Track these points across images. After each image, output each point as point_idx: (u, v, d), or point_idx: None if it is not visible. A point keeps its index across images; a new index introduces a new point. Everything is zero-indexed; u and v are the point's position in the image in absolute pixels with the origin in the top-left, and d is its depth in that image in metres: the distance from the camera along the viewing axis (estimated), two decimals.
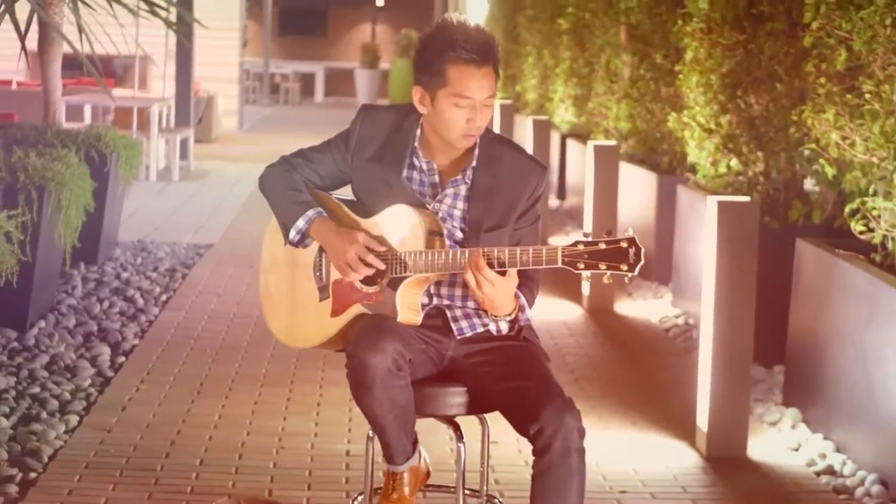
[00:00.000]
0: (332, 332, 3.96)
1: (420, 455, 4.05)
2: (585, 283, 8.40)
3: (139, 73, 16.17)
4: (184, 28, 10.63)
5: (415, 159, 3.98)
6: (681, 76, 8.02)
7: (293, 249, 4.03)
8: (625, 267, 3.67)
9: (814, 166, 6.68)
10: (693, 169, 8.02)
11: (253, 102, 30.17)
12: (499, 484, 5.06)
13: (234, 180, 15.06)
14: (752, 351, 5.62)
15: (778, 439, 5.84)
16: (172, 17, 10.07)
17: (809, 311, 6.09)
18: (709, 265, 5.60)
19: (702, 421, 5.61)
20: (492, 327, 3.94)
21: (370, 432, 4.00)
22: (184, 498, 4.88)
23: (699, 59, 7.66)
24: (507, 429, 4.01)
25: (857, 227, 5.77)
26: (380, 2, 35.66)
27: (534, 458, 3.75)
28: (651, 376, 6.92)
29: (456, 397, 3.95)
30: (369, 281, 3.90)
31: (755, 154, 7.38)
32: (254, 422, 5.85)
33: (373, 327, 3.81)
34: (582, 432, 3.73)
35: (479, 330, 3.98)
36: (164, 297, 8.32)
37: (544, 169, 4.00)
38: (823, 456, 5.57)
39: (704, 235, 5.73)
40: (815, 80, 6.19)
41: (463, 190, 3.96)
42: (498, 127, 13.55)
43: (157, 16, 9.48)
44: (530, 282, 3.94)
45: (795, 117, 6.53)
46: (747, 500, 5.18)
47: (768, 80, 7.21)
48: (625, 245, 3.67)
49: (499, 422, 4.06)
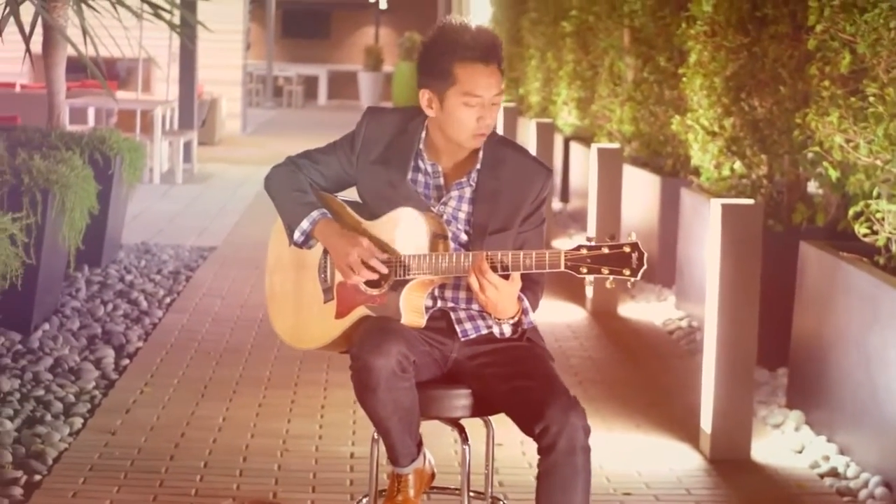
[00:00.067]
0: (336, 334, 3.97)
1: (425, 457, 4.06)
2: (589, 286, 8.40)
3: (143, 76, 16.19)
4: (187, 31, 10.62)
5: (420, 162, 3.98)
6: (684, 79, 8.02)
7: (298, 251, 4.04)
8: (627, 272, 3.66)
9: (817, 169, 6.68)
10: (696, 172, 8.02)
11: (256, 105, 30.18)
12: (503, 486, 5.06)
13: (238, 183, 15.06)
14: (756, 353, 5.62)
15: (781, 442, 5.84)
16: (176, 19, 10.07)
17: (813, 314, 6.09)
18: (713, 268, 5.60)
19: (705, 423, 5.61)
20: (495, 330, 3.93)
21: (375, 434, 4.01)
22: (188, 500, 4.89)
23: (703, 62, 7.66)
24: (510, 431, 4.02)
25: (860, 229, 5.77)
26: (383, 4, 35.66)
27: (539, 457, 3.74)
28: (655, 379, 6.92)
29: (460, 399, 3.96)
30: (373, 283, 3.91)
31: (759, 157, 7.38)
32: (258, 424, 5.85)
33: (377, 329, 3.81)
34: (587, 430, 3.73)
35: (484, 332, 3.98)
36: (167, 300, 8.32)
37: (549, 172, 4.00)
38: (827, 458, 5.56)
39: (708, 238, 5.73)
40: (819, 82, 6.19)
41: (468, 192, 3.96)
42: (501, 130, 13.55)
43: (161, 18, 9.48)
44: (535, 285, 3.95)
45: (799, 120, 6.53)
46: (751, 502, 5.18)
47: (772, 82, 7.21)
48: (628, 250, 3.67)
49: (502, 424, 4.06)
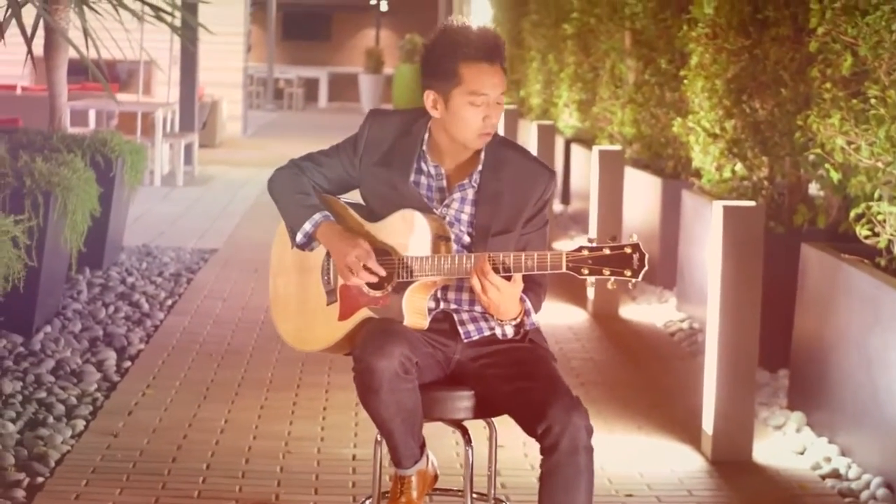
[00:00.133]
0: (339, 336, 3.97)
1: (428, 459, 4.06)
2: (590, 287, 8.41)
3: (143, 78, 16.19)
4: (188, 33, 10.61)
5: (423, 164, 3.99)
6: (686, 81, 8.03)
7: (301, 253, 4.04)
8: (629, 273, 3.67)
9: (819, 171, 6.69)
10: (698, 174, 8.02)
11: (257, 107, 30.19)
12: (505, 488, 5.06)
13: (239, 185, 15.06)
14: (758, 355, 5.62)
15: (783, 443, 5.85)
16: (177, 22, 10.06)
17: (814, 316, 6.10)
18: (714, 270, 5.60)
19: (707, 425, 5.62)
20: (497, 331, 3.94)
21: (378, 436, 4.01)
22: (191, 502, 4.89)
23: (704, 65, 7.66)
24: (512, 433, 4.02)
25: (862, 231, 5.78)
26: (384, 7, 35.69)
27: (542, 457, 3.75)
28: (656, 380, 6.92)
29: (463, 401, 3.96)
30: (376, 285, 3.91)
31: (760, 159, 7.39)
32: (260, 426, 5.86)
33: (380, 331, 3.81)
34: (590, 430, 3.74)
35: (486, 333, 3.99)
36: (169, 302, 8.32)
37: (552, 174, 4.00)
38: (828, 459, 5.57)
39: (710, 240, 5.73)
40: (821, 85, 6.19)
41: (470, 194, 3.97)
42: (502, 132, 13.56)
43: (162, 20, 9.47)
44: (537, 287, 3.95)
45: (800, 122, 6.53)
46: (752, 503, 5.19)
47: (773, 85, 7.22)
48: (629, 251, 3.67)
49: (504, 426, 4.06)
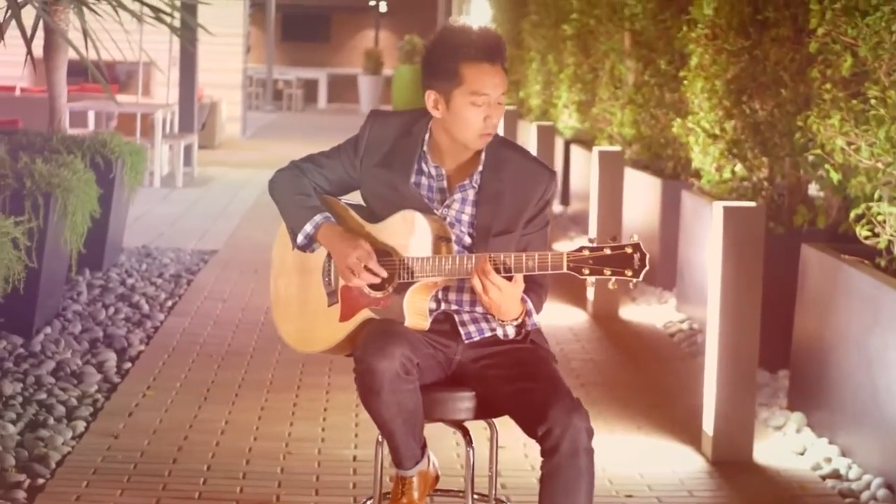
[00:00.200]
0: (340, 337, 3.98)
1: (429, 460, 4.06)
2: (590, 288, 8.41)
3: (143, 80, 16.19)
4: (188, 34, 10.60)
5: (423, 165, 3.99)
6: (685, 82, 8.03)
7: (302, 254, 4.04)
8: (630, 273, 3.67)
9: (819, 172, 6.69)
10: (697, 174, 8.02)
11: (256, 108, 30.19)
12: (505, 489, 5.06)
13: (238, 186, 15.07)
14: (758, 355, 5.63)
15: (783, 443, 5.85)
16: (176, 23, 10.06)
17: (814, 316, 6.10)
18: (714, 270, 5.60)
19: (707, 425, 5.62)
20: (499, 332, 3.94)
21: (379, 437, 4.01)
22: None
23: (704, 65, 7.66)
24: (513, 434, 4.01)
25: (862, 232, 5.78)
26: (383, 8, 35.69)
27: (542, 459, 3.75)
28: (656, 381, 6.93)
29: (464, 402, 3.96)
30: (377, 286, 3.91)
31: (760, 159, 7.39)
32: (261, 427, 5.86)
33: (381, 332, 3.82)
34: (590, 432, 3.74)
35: (487, 334, 3.99)
36: (169, 303, 8.32)
37: (553, 174, 4.00)
38: (829, 460, 5.57)
39: (710, 241, 5.73)
40: (821, 85, 6.19)
41: (471, 195, 3.97)
42: (502, 133, 13.54)
43: (162, 21, 9.46)
44: (539, 287, 3.95)
45: (800, 123, 6.54)
46: None
47: (773, 85, 7.22)
48: (630, 251, 3.68)
49: (505, 427, 4.06)
